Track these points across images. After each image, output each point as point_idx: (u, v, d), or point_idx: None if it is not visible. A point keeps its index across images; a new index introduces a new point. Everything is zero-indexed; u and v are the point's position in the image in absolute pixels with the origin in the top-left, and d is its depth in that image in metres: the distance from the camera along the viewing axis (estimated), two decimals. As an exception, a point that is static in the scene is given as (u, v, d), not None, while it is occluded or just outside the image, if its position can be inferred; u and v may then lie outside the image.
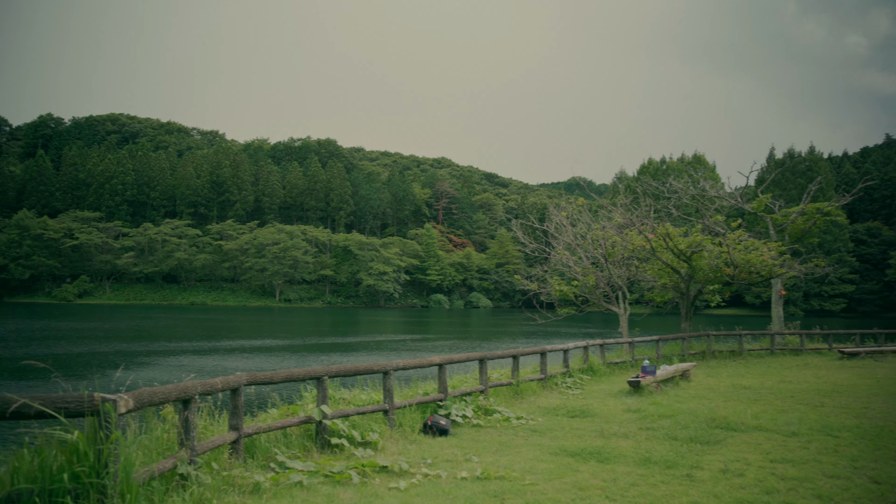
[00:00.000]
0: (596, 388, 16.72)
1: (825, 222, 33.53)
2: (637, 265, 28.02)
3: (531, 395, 14.79)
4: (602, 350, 20.48)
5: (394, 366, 10.56)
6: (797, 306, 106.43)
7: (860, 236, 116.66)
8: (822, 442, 10.06)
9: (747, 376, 19.57)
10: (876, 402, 14.06)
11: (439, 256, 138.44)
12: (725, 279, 25.41)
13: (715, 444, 9.85)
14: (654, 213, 29.21)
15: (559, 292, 28.47)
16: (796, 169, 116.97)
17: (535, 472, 8.21)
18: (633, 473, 8.17)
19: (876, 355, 25.49)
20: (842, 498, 7.24)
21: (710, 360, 24.41)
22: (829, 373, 20.56)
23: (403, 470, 8.10)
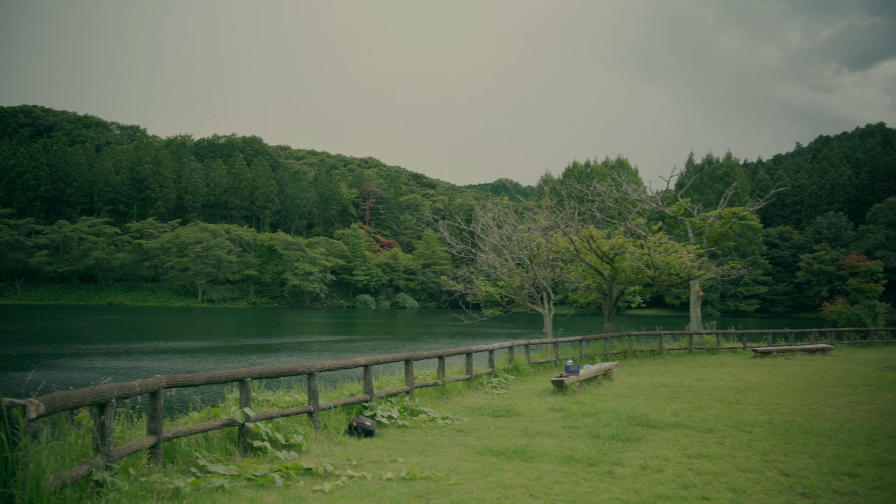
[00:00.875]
0: (521, 387, 16.91)
1: (741, 226, 34.77)
2: (561, 266, 28.46)
3: (457, 396, 14.86)
4: (527, 350, 20.73)
5: (318, 367, 10.46)
6: (714, 307, 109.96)
7: (773, 240, 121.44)
8: (736, 437, 10.43)
9: (667, 375, 20.12)
10: (786, 399, 14.66)
11: (366, 257, 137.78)
12: (646, 280, 26.03)
13: (635, 442, 10.09)
14: (579, 216, 29.73)
15: (485, 293, 28.69)
16: (714, 174, 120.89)
17: (461, 471, 8.25)
18: (557, 471, 8.29)
19: (786, 354, 26.55)
20: (754, 490, 7.53)
21: (632, 359, 24.99)
22: (744, 371, 21.31)
23: (328, 472, 8.03)
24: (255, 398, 10.78)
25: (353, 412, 11.36)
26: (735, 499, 7.23)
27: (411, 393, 13.05)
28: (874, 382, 17.60)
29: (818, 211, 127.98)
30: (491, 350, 17.92)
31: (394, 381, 14.62)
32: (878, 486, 7.71)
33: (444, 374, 15.02)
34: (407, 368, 13.29)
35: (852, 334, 34.31)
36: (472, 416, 12.61)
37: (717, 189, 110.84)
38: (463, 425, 11.61)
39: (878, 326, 36.69)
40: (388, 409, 11.80)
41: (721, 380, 18.74)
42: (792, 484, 7.78)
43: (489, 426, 11.49)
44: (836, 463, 8.75)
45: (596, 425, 11.28)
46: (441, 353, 14.93)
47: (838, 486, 7.68)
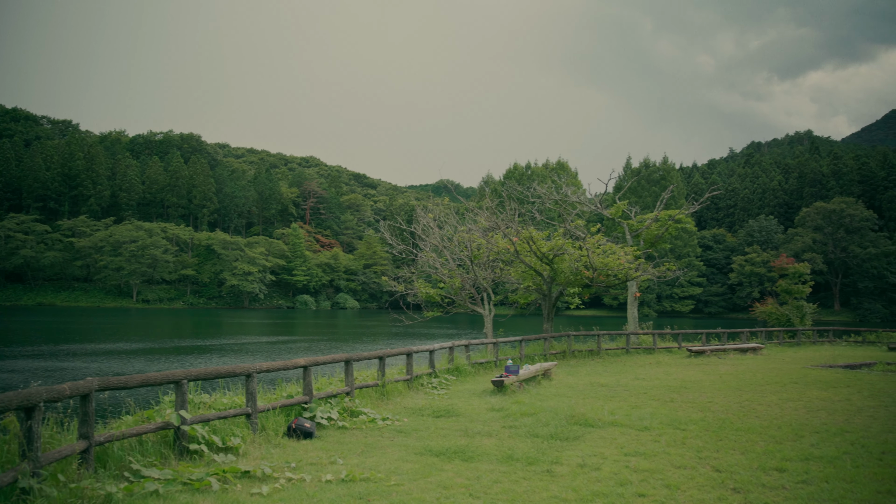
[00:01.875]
0: (461, 387, 16.98)
1: (676, 229, 35.53)
2: (502, 267, 28.65)
3: (397, 396, 14.84)
4: (467, 350, 20.82)
5: (257, 368, 10.32)
6: (651, 307, 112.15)
7: (707, 242, 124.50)
8: (671, 435, 10.67)
9: (605, 374, 20.44)
10: (719, 397, 15.06)
11: (306, 257, 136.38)
12: (585, 281, 26.39)
13: (574, 440, 10.22)
14: (519, 217, 29.98)
15: (426, 294, 28.70)
16: (651, 178, 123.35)
17: (401, 472, 8.25)
18: (497, 471, 8.35)
19: (719, 353, 27.25)
20: (687, 486, 7.72)
21: (571, 359, 25.31)
22: (679, 370, 21.80)
23: (266, 474, 7.93)
24: (192, 400, 10.58)
25: (293, 414, 11.24)
26: (670, 495, 7.39)
27: (351, 394, 12.99)
28: (801, 380, 18.20)
29: (750, 214, 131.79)
30: (431, 351, 17.94)
31: (334, 382, 14.52)
32: (805, 479, 7.98)
33: (385, 375, 14.98)
34: (347, 369, 13.22)
35: (781, 334, 35.40)
36: (413, 416, 12.60)
37: (654, 192, 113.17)
38: (403, 426, 11.60)
39: (805, 326, 37.93)
40: (328, 410, 11.72)
41: (657, 379, 19.13)
42: (724, 479, 8.00)
43: (429, 427, 11.50)
44: (765, 458, 9.04)
45: (535, 425, 11.40)
46: (381, 354, 14.88)
47: (767, 481, 7.94)
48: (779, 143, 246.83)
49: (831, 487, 7.65)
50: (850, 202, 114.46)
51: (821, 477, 8.09)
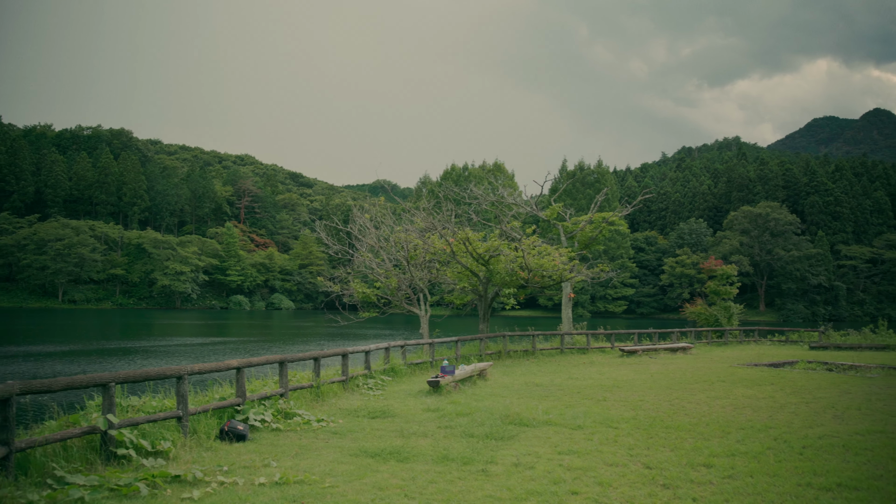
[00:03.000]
0: (397, 388, 16.94)
1: (610, 231, 36.24)
2: (438, 268, 28.70)
3: (332, 398, 14.72)
4: (403, 351, 20.79)
5: (188, 370, 10.11)
6: (585, 308, 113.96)
7: (640, 244, 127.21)
8: (603, 433, 10.86)
9: (539, 374, 20.67)
10: (650, 396, 15.39)
11: (240, 256, 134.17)
12: (520, 282, 26.62)
13: (509, 440, 10.31)
14: (456, 218, 30.09)
15: (362, 294, 28.56)
16: (586, 180, 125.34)
17: (335, 474, 8.19)
18: (432, 471, 8.36)
19: (650, 353, 27.84)
20: (619, 483, 7.88)
21: (506, 359, 25.50)
22: (611, 369, 22.19)
23: (197, 479, 7.77)
24: (120, 404, 10.30)
25: (225, 416, 11.05)
26: (602, 492, 7.53)
27: (286, 395, 12.83)
28: (728, 378, 18.74)
29: (681, 217, 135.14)
30: (367, 351, 17.86)
31: (268, 383, 14.34)
32: (731, 474, 8.24)
33: (320, 376, 14.85)
34: (281, 370, 13.06)
35: (710, 334, 36.37)
36: (348, 417, 12.53)
37: (589, 195, 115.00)
38: (338, 427, 11.52)
39: (732, 326, 39.05)
40: (262, 412, 11.55)
41: (590, 378, 19.44)
42: (654, 476, 8.19)
43: (365, 428, 11.45)
44: (693, 455, 9.28)
45: (470, 425, 11.45)
46: (316, 355, 14.76)
47: (695, 477, 8.15)
48: (708, 149, 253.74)
49: (755, 482, 7.92)
50: (774, 206, 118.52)
51: (746, 472, 8.35)
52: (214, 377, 15.29)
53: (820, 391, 15.98)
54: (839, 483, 7.86)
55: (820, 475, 8.22)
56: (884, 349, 29.92)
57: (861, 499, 7.32)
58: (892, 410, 13.05)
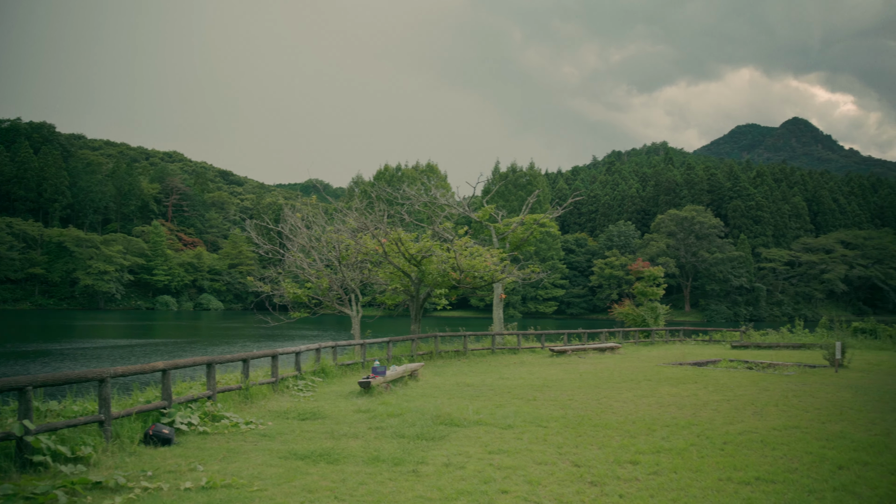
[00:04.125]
0: (328, 389, 16.80)
1: (541, 232, 36.65)
2: (370, 268, 28.59)
3: (262, 399, 14.50)
4: (334, 352, 20.63)
5: (111, 372, 9.81)
6: (516, 309, 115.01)
7: (570, 246, 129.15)
8: (533, 433, 10.99)
9: (470, 374, 20.78)
10: (579, 395, 15.64)
11: (168, 256, 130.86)
12: (452, 283, 26.72)
13: (440, 440, 10.34)
14: (388, 219, 30.00)
15: (293, 294, 28.23)
16: (518, 182, 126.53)
17: (264, 477, 8.07)
18: (362, 472, 8.33)
19: (580, 353, 28.30)
20: (548, 481, 7.99)
21: (438, 359, 25.56)
22: (542, 369, 22.47)
23: (120, 485, 7.55)
24: (38, 409, 9.92)
25: (150, 420, 10.77)
26: (531, 490, 7.62)
27: (213, 398, 12.58)
28: (654, 377, 19.20)
29: (610, 220, 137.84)
30: (298, 352, 17.66)
31: (195, 386, 14.05)
32: (656, 471, 8.44)
33: (249, 378, 14.60)
34: (209, 372, 12.80)
35: (637, 334, 37.17)
36: (278, 419, 12.36)
37: (521, 196, 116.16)
38: (267, 430, 11.36)
39: (659, 326, 40.00)
40: (188, 415, 11.30)
41: (521, 378, 19.64)
42: (582, 474, 8.34)
43: (294, 430, 11.32)
44: (620, 452, 9.48)
45: (401, 425, 11.44)
46: (245, 356, 14.52)
47: (622, 473, 8.34)
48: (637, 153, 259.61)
49: (679, 477, 8.15)
50: (700, 210, 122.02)
51: (670, 468, 8.58)
52: (139, 380, 14.91)
53: (741, 389, 16.51)
54: (757, 477, 8.16)
55: (740, 469, 8.51)
56: (800, 348, 31.10)
57: (777, 491, 7.61)
58: (806, 407, 13.59)
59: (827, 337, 33.24)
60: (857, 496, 7.48)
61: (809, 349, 30.22)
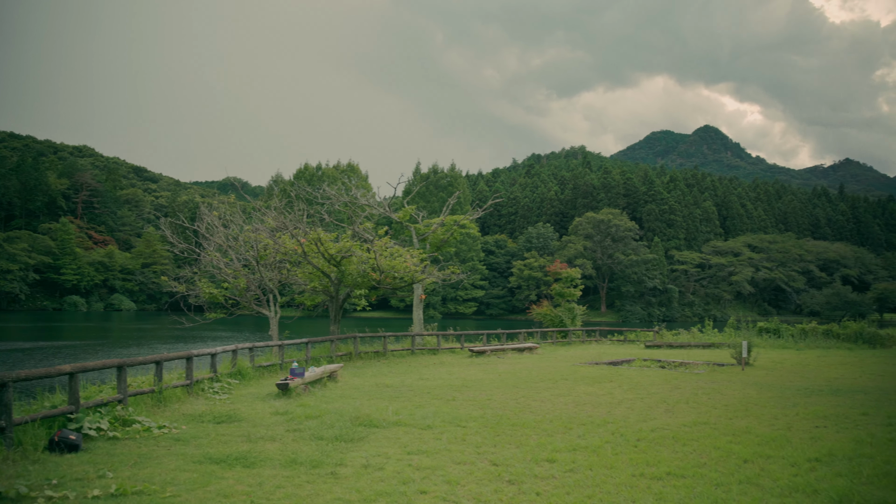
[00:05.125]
0: (245, 392, 16.49)
1: (461, 233, 36.88)
2: (289, 268, 28.21)
3: (176, 403, 14.11)
4: (251, 353, 20.27)
5: (13, 376, 9.38)
6: (436, 309, 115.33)
7: (490, 247, 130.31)
8: (452, 432, 11.04)
9: (390, 375, 20.74)
10: (497, 395, 15.81)
11: (77, 254, 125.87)
12: (372, 283, 26.62)
13: (359, 441, 10.28)
14: (308, 218, 29.67)
15: (209, 295, 27.61)
16: (439, 183, 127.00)
17: (177, 482, 7.86)
18: (280, 475, 8.21)
19: (499, 353, 28.59)
20: (467, 481, 8.05)
21: (357, 360, 25.40)
22: (461, 370, 22.61)
23: (22, 495, 7.22)
24: (-68, 414, 9.41)
25: (56, 425, 10.34)
26: (450, 490, 7.66)
27: (124, 402, 12.18)
28: (571, 377, 19.56)
29: (529, 222, 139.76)
30: (213, 354, 17.27)
31: (105, 389, 13.57)
32: (572, 468, 8.61)
33: (162, 381, 14.19)
34: (120, 375, 12.38)
35: (555, 334, 37.80)
36: (192, 423, 12.06)
37: (441, 197, 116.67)
38: (181, 434, 11.06)
39: (576, 327, 40.78)
40: (97, 420, 10.91)
41: (440, 378, 19.71)
42: (500, 472, 8.43)
43: (210, 433, 11.07)
44: (538, 450, 9.63)
45: (320, 427, 11.33)
46: (159, 358, 14.11)
47: (539, 472, 8.47)
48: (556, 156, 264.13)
49: (594, 474, 8.33)
50: (616, 213, 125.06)
51: (586, 465, 8.76)
52: (44, 384, 14.30)
53: (654, 387, 16.99)
54: (669, 472, 8.42)
55: (652, 465, 8.76)
56: (709, 347, 32.24)
57: (687, 485, 7.87)
58: (715, 404, 14.09)
59: (734, 336, 34.59)
60: (761, 488, 7.80)
61: (718, 348, 31.36)
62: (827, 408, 13.42)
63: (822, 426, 11.55)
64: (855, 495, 7.41)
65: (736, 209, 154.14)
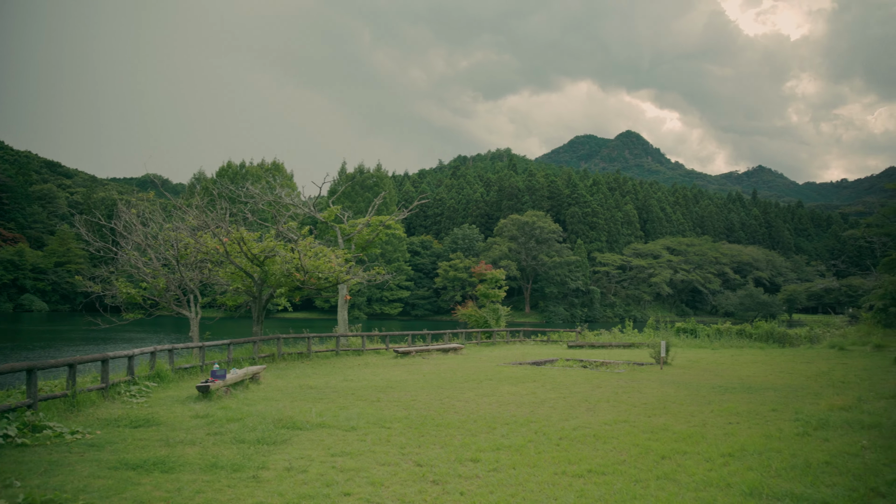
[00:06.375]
0: (164, 395, 16.06)
1: (387, 234, 36.79)
2: (211, 268, 27.63)
3: (90, 407, 13.64)
4: (171, 355, 19.75)
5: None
6: (361, 310, 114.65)
7: (416, 248, 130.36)
8: (377, 434, 11.00)
9: (314, 377, 20.52)
10: (422, 395, 15.83)
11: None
12: (296, 284, 26.30)
13: (282, 444, 10.15)
14: (231, 217, 29.12)
15: (126, 295, 26.79)
16: (365, 183, 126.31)
17: (91, 490, 7.60)
18: (199, 480, 8.03)
19: (424, 353, 28.62)
20: (391, 482, 8.04)
21: (280, 362, 25.04)
22: (386, 370, 22.54)
23: (-78, 503, 6.87)
24: None
25: (-41, 431, 9.86)
26: (374, 492, 7.63)
27: (34, 406, 11.70)
28: (495, 377, 19.74)
29: (455, 223, 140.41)
30: (131, 356, 16.75)
31: (13, 394, 13.06)
32: (495, 468, 8.69)
33: (76, 384, 13.69)
34: (30, 379, 11.89)
35: (479, 335, 38.07)
36: (108, 428, 11.67)
37: (367, 198, 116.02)
38: (96, 439, 10.70)
39: (500, 327, 41.16)
40: (5, 426, 10.45)
41: (365, 380, 19.61)
42: (425, 473, 8.45)
43: (126, 438, 10.73)
44: (462, 450, 9.68)
45: (242, 430, 11.13)
46: (72, 361, 13.60)
47: (463, 471, 8.52)
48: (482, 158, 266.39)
49: (518, 473, 8.43)
50: (540, 215, 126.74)
51: (509, 464, 8.86)
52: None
53: (576, 386, 17.30)
54: (590, 469, 8.60)
55: (574, 463, 8.93)
56: (630, 347, 33.01)
57: (607, 482, 8.05)
58: (634, 402, 14.44)
59: (653, 336, 35.54)
60: (677, 483, 8.04)
61: (638, 348, 32.15)
62: (740, 405, 13.93)
63: (735, 422, 11.97)
64: (765, 488, 7.72)
65: (656, 213, 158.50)
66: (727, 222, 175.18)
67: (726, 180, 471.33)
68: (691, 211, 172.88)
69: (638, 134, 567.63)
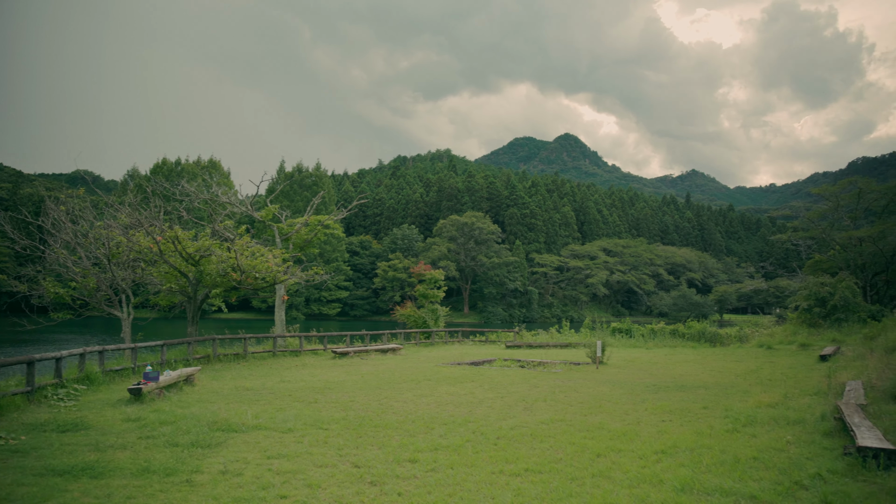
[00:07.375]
0: (94, 398, 15.61)
1: (326, 234, 36.50)
2: (144, 268, 26.98)
3: (14, 412, 13.17)
4: (101, 357, 19.20)
5: None
6: (299, 310, 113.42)
7: (355, 248, 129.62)
8: (314, 435, 10.90)
9: (250, 378, 20.22)
10: (360, 396, 15.75)
11: None
12: (233, 284, 25.87)
13: (216, 447, 9.97)
14: (165, 215, 28.48)
15: (54, 295, 25.94)
16: (304, 183, 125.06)
17: (14, 498, 7.34)
18: (131, 486, 7.84)
19: (362, 354, 28.49)
20: (328, 484, 7.98)
21: (216, 363, 24.60)
22: (324, 371, 22.36)
23: None
24: None
25: None
26: (311, 494, 7.57)
27: (-45, 410, 11.24)
28: (434, 377, 19.77)
29: (395, 223, 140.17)
30: (59, 358, 16.23)
31: (-69, 397, 12.47)
32: (434, 468, 8.72)
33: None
34: (-50, 382, 11.42)
35: (418, 335, 38.08)
36: (33, 433, 11.29)
37: (306, 197, 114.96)
38: (20, 445, 10.33)
39: (439, 328, 41.26)
40: (-78, 430, 10.01)
41: (302, 381, 19.41)
42: (362, 474, 8.41)
43: (53, 443, 10.39)
44: (400, 451, 9.67)
45: (175, 433, 10.90)
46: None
47: (401, 472, 8.51)
48: (422, 159, 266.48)
49: (456, 473, 8.46)
50: (479, 216, 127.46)
51: (447, 464, 8.88)
52: None
53: (513, 386, 17.45)
54: (527, 468, 8.69)
55: (511, 462, 9.01)
56: (567, 347, 33.47)
57: (544, 481, 8.15)
58: (571, 401, 14.65)
59: (590, 336, 36.11)
60: (612, 480, 8.19)
61: (575, 348, 32.62)
62: (672, 403, 14.26)
63: (668, 420, 12.25)
64: (696, 483, 7.92)
65: (593, 215, 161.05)
66: (662, 224, 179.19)
67: (661, 183, 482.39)
68: (627, 213, 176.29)
69: (576, 137, 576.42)
